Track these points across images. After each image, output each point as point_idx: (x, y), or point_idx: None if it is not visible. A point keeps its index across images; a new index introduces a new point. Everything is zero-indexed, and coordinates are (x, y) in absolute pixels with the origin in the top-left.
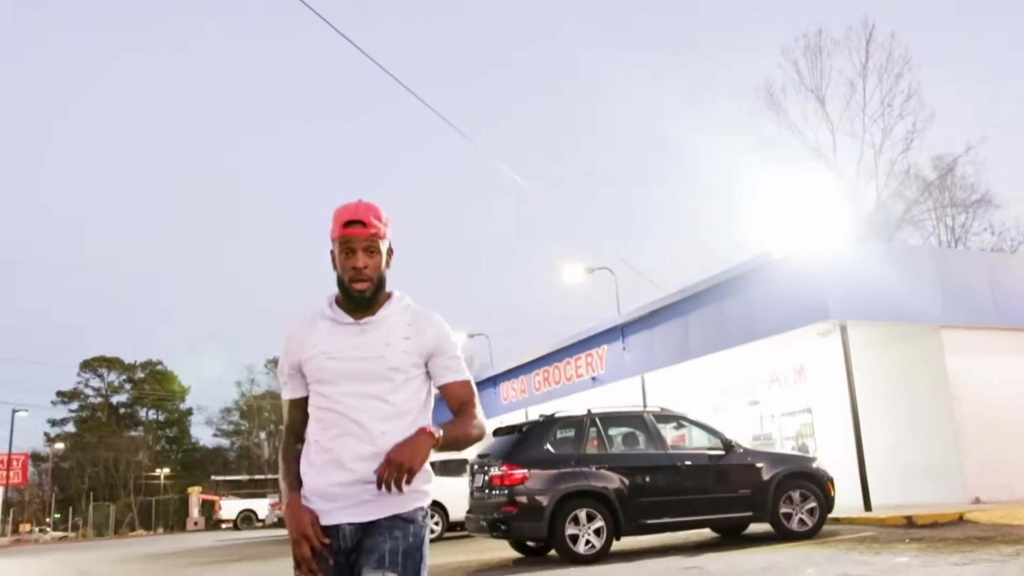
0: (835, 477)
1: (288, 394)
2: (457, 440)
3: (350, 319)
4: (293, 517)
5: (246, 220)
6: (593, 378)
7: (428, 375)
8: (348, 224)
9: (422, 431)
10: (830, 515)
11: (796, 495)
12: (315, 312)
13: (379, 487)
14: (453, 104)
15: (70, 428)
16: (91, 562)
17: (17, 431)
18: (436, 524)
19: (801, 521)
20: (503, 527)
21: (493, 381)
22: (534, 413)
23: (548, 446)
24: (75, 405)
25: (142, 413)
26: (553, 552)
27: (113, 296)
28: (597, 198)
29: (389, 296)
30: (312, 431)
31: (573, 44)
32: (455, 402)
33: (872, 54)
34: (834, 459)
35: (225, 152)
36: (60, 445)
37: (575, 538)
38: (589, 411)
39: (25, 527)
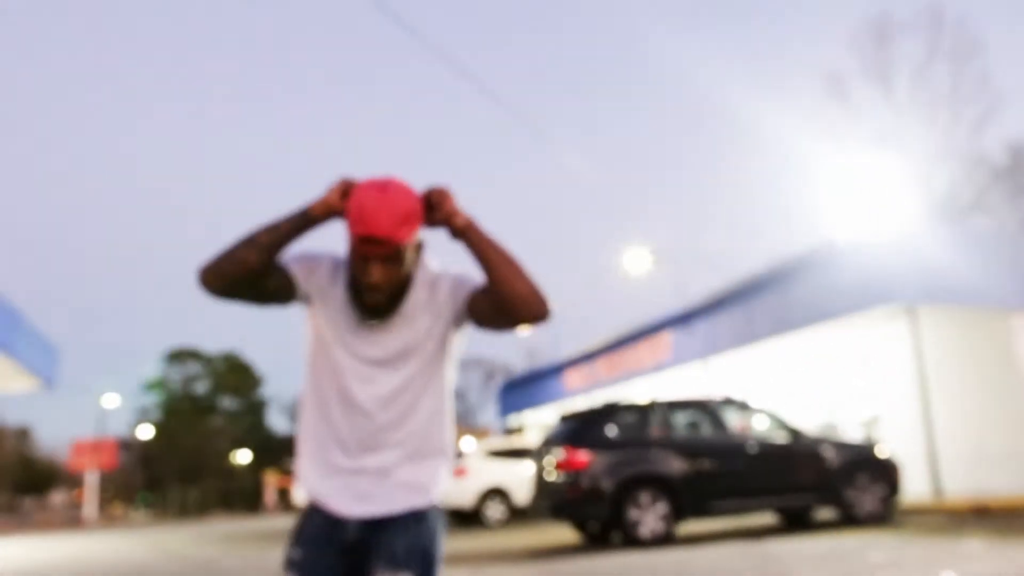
0: (904, 464)
1: (287, 257)
2: (493, 246)
3: (367, 317)
4: (327, 190)
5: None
6: (657, 365)
7: (450, 350)
8: (365, 240)
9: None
10: (899, 502)
11: (863, 481)
12: (339, 275)
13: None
14: (513, 85)
15: (155, 415)
16: (174, 541)
17: (108, 419)
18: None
19: (868, 507)
20: (566, 511)
21: (557, 369)
22: (599, 400)
23: (611, 432)
24: (160, 394)
25: (222, 402)
26: (616, 536)
27: (194, 286)
28: (659, 184)
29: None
30: (310, 398)
31: (633, 23)
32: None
33: (941, 37)
34: (903, 446)
35: (303, 138)
36: (146, 431)
37: (638, 522)
38: (652, 398)
39: (115, 508)
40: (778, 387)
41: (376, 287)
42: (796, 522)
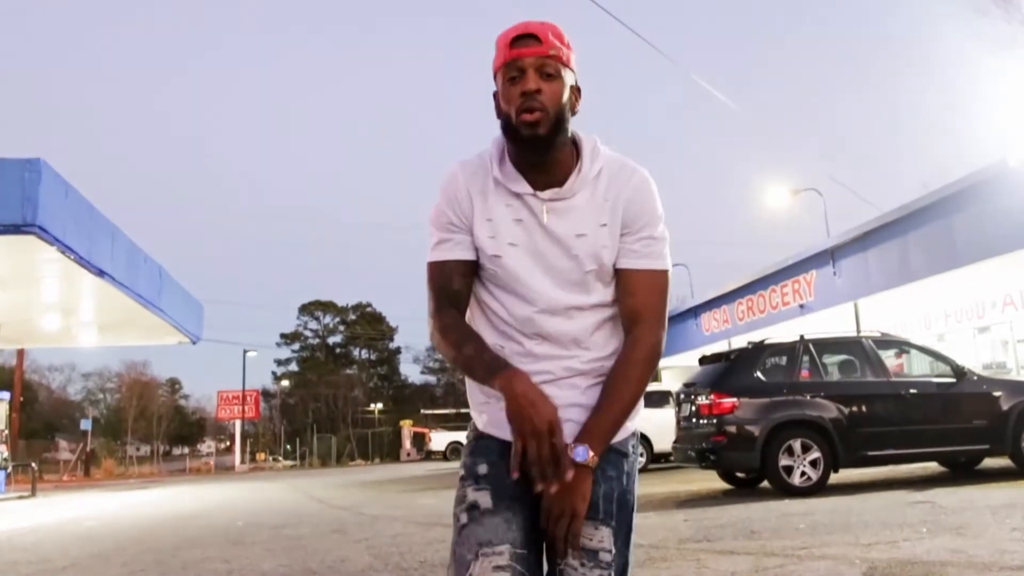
0: None
1: (443, 254)
2: (617, 428)
3: (528, 188)
4: (528, 402)
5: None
6: (801, 306)
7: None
8: (517, 40)
9: (579, 474)
10: None
11: None
12: (484, 167)
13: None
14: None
15: (293, 367)
16: (317, 487)
17: (248, 370)
18: (641, 456)
19: None
20: (712, 457)
21: (694, 312)
22: (738, 344)
23: (758, 374)
24: (296, 346)
25: (356, 352)
26: (766, 483)
27: (328, 243)
28: (805, 110)
29: (578, 153)
30: (483, 333)
31: None
32: (630, 303)
33: None
34: None
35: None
36: (285, 383)
37: (789, 469)
38: (802, 337)
39: (260, 456)
40: (937, 327)
41: (533, 96)
42: (963, 470)
